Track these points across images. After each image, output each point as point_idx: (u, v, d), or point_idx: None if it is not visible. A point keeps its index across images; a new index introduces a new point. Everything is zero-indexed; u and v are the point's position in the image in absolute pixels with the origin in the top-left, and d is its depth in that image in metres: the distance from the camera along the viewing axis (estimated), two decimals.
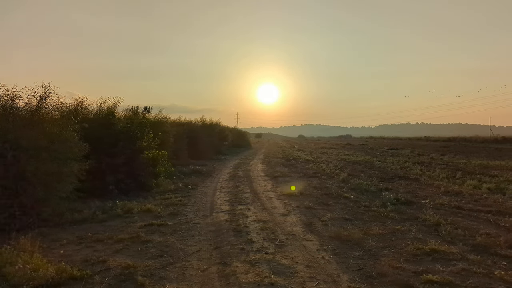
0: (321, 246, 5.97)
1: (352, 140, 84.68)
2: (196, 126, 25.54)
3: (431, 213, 7.92)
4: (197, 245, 6.11)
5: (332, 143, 58.25)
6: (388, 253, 5.61)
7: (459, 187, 11.40)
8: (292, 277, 4.71)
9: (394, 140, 79.22)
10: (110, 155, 10.72)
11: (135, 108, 14.32)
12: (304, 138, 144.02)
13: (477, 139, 67.95)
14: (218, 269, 5.00)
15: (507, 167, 17.39)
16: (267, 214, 8.24)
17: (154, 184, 11.63)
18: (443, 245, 5.77)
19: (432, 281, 4.49)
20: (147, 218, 7.82)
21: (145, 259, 5.37)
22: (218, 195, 10.84)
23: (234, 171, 17.54)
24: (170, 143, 15.70)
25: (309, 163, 20.78)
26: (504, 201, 9.26)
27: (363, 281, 4.58)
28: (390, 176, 14.71)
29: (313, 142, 70.35)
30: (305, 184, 12.58)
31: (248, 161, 23.85)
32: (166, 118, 17.69)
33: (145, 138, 12.00)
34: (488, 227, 6.90)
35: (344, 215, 8.07)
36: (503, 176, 13.67)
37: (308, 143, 59.69)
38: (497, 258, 5.29)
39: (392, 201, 9.34)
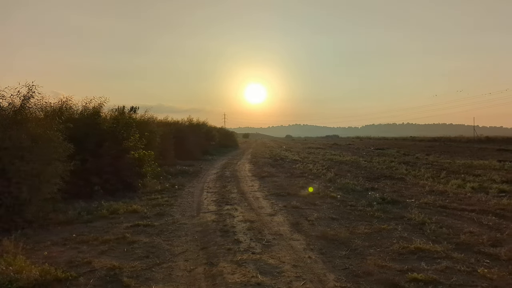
0: (308, 246, 5.99)
1: (339, 140, 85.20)
2: (183, 126, 25.42)
3: (416, 212, 8.01)
4: (183, 245, 6.08)
5: (319, 143, 58.54)
6: (374, 252, 5.66)
7: (443, 187, 11.56)
8: (278, 276, 4.72)
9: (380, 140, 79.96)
10: (96, 155, 10.61)
11: (121, 108, 14.20)
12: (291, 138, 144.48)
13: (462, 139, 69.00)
14: (204, 269, 4.99)
15: (490, 167, 17.69)
16: (254, 214, 8.24)
17: (140, 184, 11.54)
18: (428, 244, 5.84)
19: (417, 279, 4.54)
20: (133, 219, 7.75)
21: (131, 260, 5.33)
22: (205, 195, 10.81)
23: (221, 171, 17.51)
24: (157, 143, 15.59)
25: (296, 163, 20.84)
26: (487, 200, 9.41)
27: (349, 280, 4.61)
28: (376, 175, 14.84)
29: (301, 142, 70.61)
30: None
31: (235, 161, 23.83)
32: (152, 118, 17.59)
33: (131, 138, 11.90)
34: (472, 226, 7.00)
35: (331, 215, 8.11)
36: (486, 176, 13.90)
37: (296, 143, 59.89)
38: (480, 256, 5.38)
39: (378, 201, 9.42)
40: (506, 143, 49.07)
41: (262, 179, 14.18)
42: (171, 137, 19.88)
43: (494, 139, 60.82)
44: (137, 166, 11.79)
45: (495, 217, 7.61)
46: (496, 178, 13.18)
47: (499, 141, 56.54)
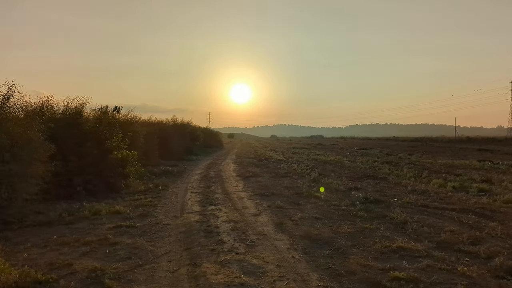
0: (292, 246, 6.01)
1: (323, 140, 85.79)
2: (167, 126, 25.23)
3: (398, 211, 8.10)
4: (167, 246, 6.03)
5: (303, 143, 58.84)
6: (356, 251, 5.71)
7: (425, 186, 11.73)
8: (262, 277, 4.72)
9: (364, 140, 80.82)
10: (78, 156, 10.47)
11: (104, 107, 14.04)
12: (276, 138, 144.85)
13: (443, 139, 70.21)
14: (188, 270, 4.96)
15: (470, 166, 18.03)
16: (238, 215, 8.23)
17: (123, 185, 11.43)
18: (409, 243, 5.92)
19: (399, 278, 4.59)
20: (116, 220, 7.66)
21: (113, 262, 5.27)
22: (189, 195, 10.75)
23: (205, 171, 17.44)
24: (140, 143, 15.45)
25: (281, 163, 20.90)
26: (467, 199, 9.58)
27: (332, 280, 4.64)
28: (360, 175, 14.97)
29: (285, 142, 70.84)
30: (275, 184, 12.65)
31: (220, 161, 23.77)
32: (136, 118, 17.43)
33: (114, 138, 11.77)
34: (452, 225, 7.12)
35: (315, 214, 8.16)
36: (467, 175, 14.16)
37: (280, 143, 60.06)
38: (460, 255, 5.47)
39: (361, 200, 9.51)
40: (486, 143, 50.11)
41: (247, 179, 14.18)
42: (155, 137, 19.72)
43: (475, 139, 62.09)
44: (120, 167, 11.67)
45: (475, 216, 7.75)
46: (476, 177, 13.44)
47: (479, 141, 57.73)
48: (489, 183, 12.23)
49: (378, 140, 79.60)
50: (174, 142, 24.24)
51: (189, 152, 27.65)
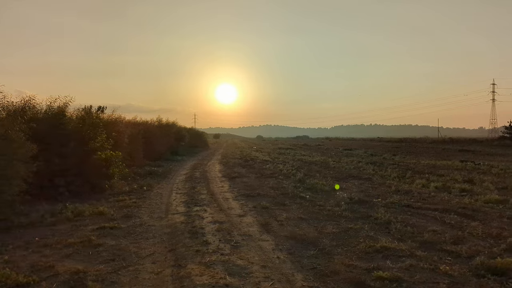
0: (277, 246, 6.02)
1: (308, 141, 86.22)
2: (152, 126, 25.03)
3: (382, 211, 8.19)
4: (151, 247, 5.98)
5: (289, 144, 59.04)
6: (341, 251, 5.74)
7: (409, 186, 11.88)
8: (247, 277, 4.72)
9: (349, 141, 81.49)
10: (61, 156, 10.31)
11: (88, 107, 13.87)
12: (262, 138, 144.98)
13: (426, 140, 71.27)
14: (172, 271, 4.92)
15: (453, 167, 18.33)
16: (223, 215, 8.21)
17: (107, 186, 11.29)
18: (393, 243, 5.98)
19: (382, 277, 4.63)
20: (99, 221, 7.57)
21: (96, 264, 5.20)
22: (174, 196, 10.69)
23: (191, 172, 17.36)
24: (125, 143, 15.29)
25: (266, 163, 20.92)
26: (449, 199, 9.73)
27: (317, 280, 4.66)
28: (345, 176, 15.09)
29: (271, 142, 70.98)
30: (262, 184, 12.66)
31: (205, 162, 23.69)
32: (120, 118, 17.24)
33: (98, 138, 11.63)
34: (435, 224, 7.22)
35: (300, 215, 8.18)
36: (449, 176, 14.38)
37: (266, 144, 60.17)
38: (442, 254, 5.55)
39: (346, 200, 9.58)
40: (468, 144, 51.01)
41: (232, 180, 14.16)
42: (139, 138, 19.54)
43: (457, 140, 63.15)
44: (104, 167, 11.53)
45: (457, 216, 7.87)
46: (458, 178, 13.67)
47: (462, 142, 58.75)
48: (470, 183, 12.45)
49: (363, 141, 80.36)
50: (159, 142, 24.06)
51: (175, 153, 27.48)
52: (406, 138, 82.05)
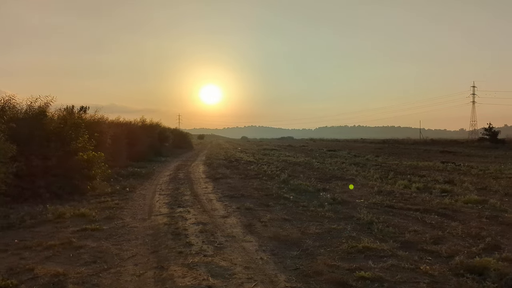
0: (260, 247, 6.02)
1: (293, 142, 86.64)
2: (135, 126, 24.81)
3: (365, 212, 8.27)
4: (133, 249, 5.92)
5: (274, 145, 59.22)
6: (324, 252, 5.78)
7: (391, 187, 12.02)
8: (230, 278, 4.71)
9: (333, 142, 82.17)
10: (41, 157, 10.14)
11: (70, 107, 13.68)
12: (247, 139, 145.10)
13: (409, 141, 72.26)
14: (154, 273, 4.88)
15: (434, 168, 18.63)
16: (207, 216, 8.19)
17: (89, 187, 11.14)
18: (375, 243, 6.04)
19: (364, 277, 4.68)
20: (81, 223, 7.46)
21: (77, 266, 5.12)
22: (157, 197, 10.60)
23: (174, 173, 17.25)
24: (107, 144, 15.12)
25: (251, 164, 20.93)
26: (430, 199, 9.88)
27: (300, 280, 4.68)
28: (328, 176, 15.19)
29: (256, 143, 71.09)
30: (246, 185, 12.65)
31: (189, 163, 23.58)
32: (103, 118, 17.05)
33: (79, 139, 11.48)
34: (416, 225, 7.32)
35: (284, 216, 8.21)
36: (430, 176, 14.61)
37: (251, 145, 60.22)
38: (423, 254, 5.63)
39: (329, 201, 9.64)
40: (449, 145, 51.91)
41: (216, 181, 14.12)
42: (122, 138, 19.36)
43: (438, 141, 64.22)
44: (86, 168, 11.38)
45: (438, 216, 7.99)
46: (439, 178, 13.89)
47: (443, 143, 59.77)
48: (451, 184, 12.67)
49: (347, 142, 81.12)
50: (142, 143, 23.87)
51: (158, 154, 27.29)
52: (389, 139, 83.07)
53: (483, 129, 54.54)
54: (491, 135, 51.47)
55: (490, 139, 50.94)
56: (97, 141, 12.56)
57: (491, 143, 48.74)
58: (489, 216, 7.94)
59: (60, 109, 12.62)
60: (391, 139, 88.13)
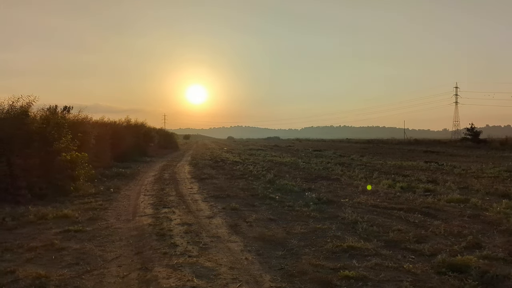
0: (245, 247, 6.02)
1: (279, 142, 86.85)
2: (120, 126, 24.57)
3: (349, 211, 8.33)
4: (117, 251, 5.86)
5: (260, 145, 59.26)
6: (309, 251, 5.80)
7: (375, 186, 12.13)
8: (215, 279, 4.70)
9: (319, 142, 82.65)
10: (23, 157, 9.98)
11: (53, 107, 13.49)
12: (233, 139, 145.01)
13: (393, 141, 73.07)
14: (138, 275, 4.84)
15: (417, 167, 18.87)
16: (192, 217, 8.15)
17: (72, 188, 10.98)
18: (359, 242, 6.09)
19: (349, 276, 4.71)
20: (64, 224, 7.35)
21: (59, 268, 5.05)
22: (142, 198, 10.51)
23: (159, 173, 17.13)
24: (91, 144, 14.95)
25: (237, 164, 20.90)
26: (414, 198, 10.00)
27: (285, 280, 4.69)
28: (314, 176, 15.26)
29: (242, 143, 71.06)
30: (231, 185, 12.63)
31: (175, 163, 23.43)
32: (87, 118, 16.84)
33: (62, 139, 11.32)
34: (400, 224, 7.40)
35: (269, 216, 8.21)
36: (414, 176, 14.80)
37: (237, 145, 60.16)
38: (406, 252, 5.70)
39: (314, 201, 9.69)
40: (432, 145, 52.64)
41: (202, 181, 14.06)
42: (107, 138, 19.15)
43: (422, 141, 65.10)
44: (69, 169, 11.23)
45: (421, 215, 8.10)
46: (422, 178, 14.08)
47: (426, 143, 60.59)
48: (434, 183, 12.85)
49: (332, 142, 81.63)
50: (127, 143, 23.65)
51: (143, 154, 27.07)
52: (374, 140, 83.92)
53: (465, 129, 55.45)
54: (473, 135, 52.38)
55: (472, 139, 51.83)
56: (80, 141, 12.41)
57: (473, 143, 49.58)
58: (471, 214, 8.08)
59: (43, 109, 12.45)
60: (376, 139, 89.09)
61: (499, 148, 42.02)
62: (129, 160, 22.21)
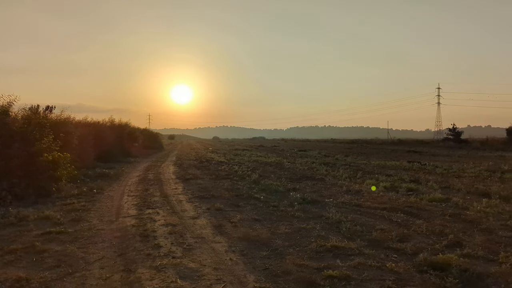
0: (230, 248, 6.01)
1: (265, 142, 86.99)
2: (104, 127, 24.30)
3: (333, 211, 8.39)
4: (100, 252, 5.79)
5: (245, 145, 59.25)
6: (293, 251, 5.82)
7: (359, 186, 12.24)
8: (199, 280, 4.68)
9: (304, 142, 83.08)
10: (3, 158, 9.79)
11: (35, 107, 13.26)
12: (218, 139, 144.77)
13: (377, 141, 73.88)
14: (121, 276, 4.79)
15: (401, 167, 19.10)
16: (176, 218, 8.10)
17: (54, 189, 10.81)
18: (343, 242, 6.14)
19: (332, 276, 4.74)
20: (45, 226, 7.23)
21: (40, 270, 4.96)
22: (125, 199, 10.41)
23: (144, 174, 16.99)
24: (74, 144, 14.74)
25: (222, 164, 20.86)
26: (397, 198, 10.12)
27: (269, 280, 4.70)
28: (298, 176, 15.32)
29: (227, 143, 70.95)
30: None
31: (159, 163, 23.27)
32: (69, 118, 16.61)
33: (44, 139, 11.14)
34: (383, 223, 7.49)
35: (254, 216, 8.22)
36: (397, 175, 14.97)
37: (222, 145, 60.05)
38: (389, 252, 5.76)
39: (299, 201, 9.73)
40: (415, 145, 53.41)
41: (187, 182, 14.00)
42: (90, 139, 18.91)
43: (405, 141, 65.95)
44: (51, 169, 11.04)
45: (404, 214, 8.20)
46: (405, 177, 14.25)
47: (409, 143, 61.43)
48: (416, 183, 13.02)
49: (317, 142, 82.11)
50: (111, 143, 23.41)
51: (127, 154, 26.82)
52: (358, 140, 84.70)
53: (447, 130, 56.33)
54: (455, 135, 53.25)
55: (454, 139, 52.67)
56: (63, 141, 12.23)
57: (455, 143, 50.41)
58: (452, 214, 8.21)
59: (24, 109, 12.25)
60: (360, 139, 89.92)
61: (479, 148, 42.86)
62: (112, 161, 21.98)
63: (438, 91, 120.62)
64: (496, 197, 9.86)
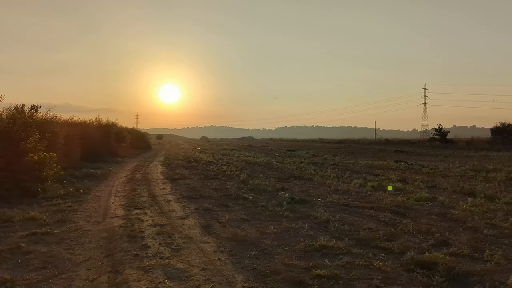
0: (218, 248, 6.00)
1: (253, 142, 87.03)
2: (91, 126, 24.07)
3: (322, 210, 8.42)
4: (86, 253, 5.73)
5: (234, 145, 59.16)
6: (282, 251, 5.83)
7: (347, 186, 12.32)
8: (187, 281, 4.66)
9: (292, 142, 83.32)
10: None
11: (20, 106, 13.06)
12: (207, 139, 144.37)
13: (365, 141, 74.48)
14: (108, 278, 4.74)
15: (388, 167, 19.27)
16: (164, 218, 8.05)
17: (40, 189, 10.66)
18: (331, 241, 6.16)
19: (320, 275, 4.76)
20: (31, 227, 7.13)
21: (26, 272, 4.89)
22: (113, 199, 10.32)
23: (131, 174, 16.86)
24: (60, 144, 14.56)
25: (210, 164, 20.80)
26: (384, 197, 10.20)
27: (257, 280, 4.69)
28: (287, 176, 15.36)
29: (216, 143, 70.79)
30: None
31: (147, 163, 23.12)
32: (56, 117, 16.40)
33: (30, 139, 10.98)
34: (371, 222, 7.54)
35: (242, 216, 8.21)
36: (384, 175, 15.09)
37: (211, 145, 59.89)
38: (376, 251, 5.81)
39: (287, 200, 9.75)
40: (402, 145, 53.91)
41: (175, 182, 13.93)
42: (77, 139, 18.70)
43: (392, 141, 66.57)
44: (37, 170, 10.90)
45: (391, 214, 8.28)
46: (392, 177, 14.37)
47: (397, 143, 61.99)
48: (403, 182, 13.14)
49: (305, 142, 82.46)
50: (98, 143, 23.19)
51: (115, 154, 26.58)
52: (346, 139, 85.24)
53: (433, 130, 57.01)
54: (441, 135, 53.94)
55: (440, 139, 53.35)
56: (48, 141, 12.07)
57: (441, 143, 51.06)
58: (438, 213, 8.31)
59: (9, 108, 12.06)
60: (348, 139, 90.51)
61: (465, 147, 43.47)
62: (99, 161, 21.76)
63: (425, 92, 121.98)
64: (481, 196, 10.01)
